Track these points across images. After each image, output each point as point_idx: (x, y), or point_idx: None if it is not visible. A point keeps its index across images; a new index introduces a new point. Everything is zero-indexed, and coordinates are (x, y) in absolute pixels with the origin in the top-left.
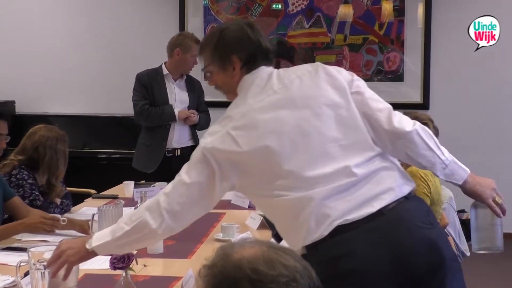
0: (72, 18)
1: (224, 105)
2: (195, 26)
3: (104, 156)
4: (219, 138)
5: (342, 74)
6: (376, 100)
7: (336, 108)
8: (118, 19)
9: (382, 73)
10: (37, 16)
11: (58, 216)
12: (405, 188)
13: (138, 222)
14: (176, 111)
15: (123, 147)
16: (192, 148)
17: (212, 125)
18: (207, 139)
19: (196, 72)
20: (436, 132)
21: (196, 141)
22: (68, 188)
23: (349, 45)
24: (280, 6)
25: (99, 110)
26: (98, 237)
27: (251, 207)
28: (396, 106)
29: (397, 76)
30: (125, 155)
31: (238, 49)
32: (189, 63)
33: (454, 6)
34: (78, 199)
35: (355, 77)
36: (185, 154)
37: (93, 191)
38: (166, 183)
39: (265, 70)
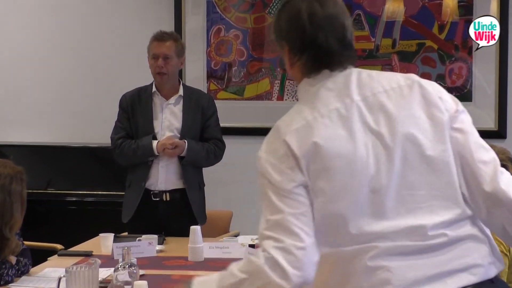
0: (34, 18)
1: (243, 132)
2: (195, 26)
3: (74, 199)
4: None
5: (444, 101)
6: (481, 147)
7: (427, 145)
8: (95, 18)
9: None
10: None
11: None
12: (492, 269)
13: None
14: (154, 143)
15: (99, 187)
16: (182, 192)
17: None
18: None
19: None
20: None
21: (189, 182)
22: (26, 243)
23: (399, 53)
24: None
25: (68, 138)
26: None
27: None
28: None
29: (463, 94)
30: (101, 198)
31: (289, 38)
32: (152, 67)
33: None
34: (40, 256)
35: (460, 106)
36: (175, 199)
37: (59, 246)
38: (155, 235)
39: (335, 74)
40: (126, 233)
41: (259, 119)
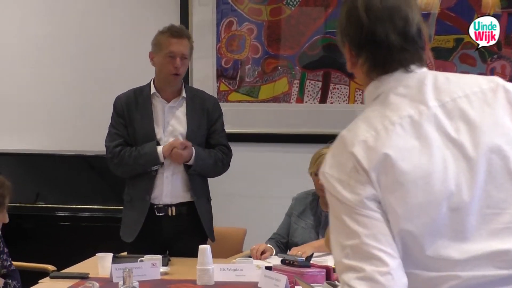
0: (22, 16)
1: (258, 139)
2: (203, 19)
3: (66, 214)
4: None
5: None
6: None
7: None
8: (90, 15)
9: None
10: None
11: None
12: None
13: None
14: (160, 148)
15: (95, 201)
16: (190, 205)
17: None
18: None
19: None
20: None
21: (197, 194)
22: (14, 263)
23: (434, 49)
24: None
25: (60, 146)
26: None
27: None
28: None
29: None
30: (97, 213)
31: (348, 34)
32: (166, 66)
33: None
34: (30, 279)
35: None
36: (182, 213)
37: (51, 267)
38: (159, 256)
39: (406, 77)
40: (125, 253)
41: (275, 124)
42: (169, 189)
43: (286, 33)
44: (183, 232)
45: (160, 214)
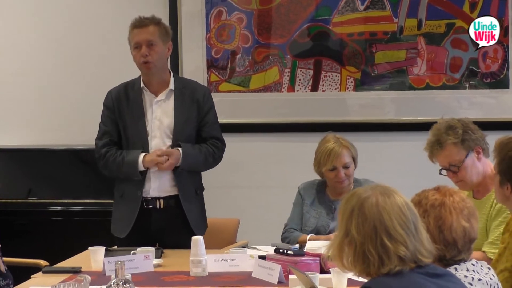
0: (10, 7)
1: (250, 129)
2: (193, 9)
3: (58, 209)
4: None
5: None
6: None
7: None
8: (80, 6)
9: (476, 76)
10: None
11: None
12: None
13: None
14: (141, 158)
15: (88, 195)
16: (177, 198)
17: None
18: None
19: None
20: None
21: (183, 189)
22: (6, 259)
23: (426, 35)
24: None
25: (51, 140)
26: None
27: (282, 283)
28: (498, 126)
29: (498, 80)
30: (90, 207)
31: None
32: (136, 58)
33: None
34: (22, 274)
35: None
36: (170, 207)
37: (43, 262)
38: (152, 248)
39: None
40: (115, 247)
41: (267, 114)
42: (156, 184)
43: (276, 22)
44: (171, 225)
45: (149, 206)
